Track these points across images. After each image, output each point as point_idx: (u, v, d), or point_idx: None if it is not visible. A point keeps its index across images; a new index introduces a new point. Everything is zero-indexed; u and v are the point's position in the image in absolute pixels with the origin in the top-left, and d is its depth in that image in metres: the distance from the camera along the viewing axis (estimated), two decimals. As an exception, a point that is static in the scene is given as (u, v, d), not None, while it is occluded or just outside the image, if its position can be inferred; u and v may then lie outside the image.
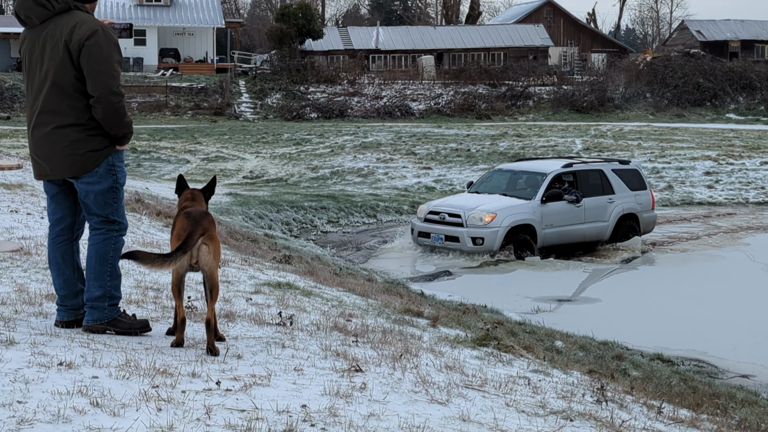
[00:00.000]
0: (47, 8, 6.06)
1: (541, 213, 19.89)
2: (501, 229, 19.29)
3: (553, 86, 61.16)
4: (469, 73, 63.47)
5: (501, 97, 58.79)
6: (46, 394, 4.60)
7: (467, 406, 5.24)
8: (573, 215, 20.41)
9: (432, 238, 19.96)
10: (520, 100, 58.84)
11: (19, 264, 8.74)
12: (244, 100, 58.40)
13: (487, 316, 11.59)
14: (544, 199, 20.03)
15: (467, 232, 19.41)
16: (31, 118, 6.19)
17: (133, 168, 33.31)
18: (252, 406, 4.75)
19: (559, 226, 20.11)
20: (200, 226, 5.89)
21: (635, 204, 21.42)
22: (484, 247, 19.23)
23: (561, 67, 71.52)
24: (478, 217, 19.40)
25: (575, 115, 55.38)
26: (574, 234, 20.44)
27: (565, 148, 38.61)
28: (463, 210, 19.76)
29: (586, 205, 20.59)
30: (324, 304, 8.86)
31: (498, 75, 62.87)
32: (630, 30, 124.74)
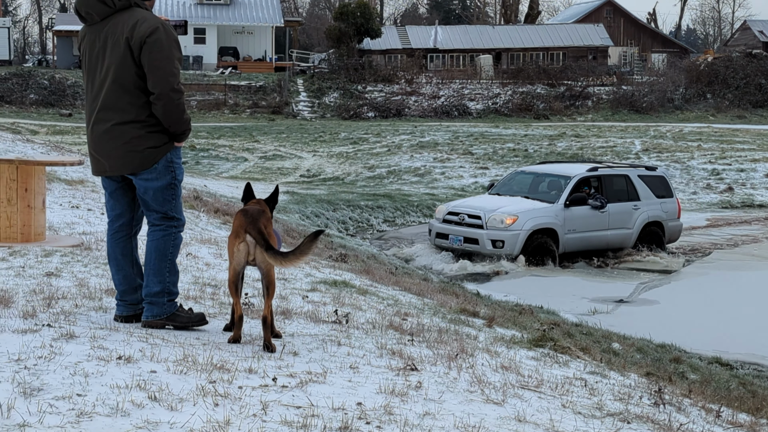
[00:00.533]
0: (108, 5, 6.11)
1: (564, 217, 19.30)
2: (522, 232, 18.72)
3: (613, 86, 60.67)
4: (527, 72, 63.17)
5: (559, 97, 58.44)
6: (105, 388, 4.65)
7: (523, 406, 5.21)
8: (597, 221, 19.78)
9: (450, 240, 19.43)
10: (578, 100, 58.44)
11: (80, 259, 8.86)
12: (302, 99, 58.65)
13: (543, 317, 11.52)
14: (567, 203, 19.43)
15: (487, 234, 18.88)
16: (91, 115, 6.24)
17: (192, 165, 33.60)
18: (308, 403, 4.76)
19: (582, 231, 19.51)
20: (260, 223, 5.93)
21: (661, 212, 20.79)
22: (504, 251, 18.68)
23: (621, 67, 70.96)
24: (499, 219, 18.87)
25: (634, 115, 54.89)
26: (597, 240, 19.86)
27: (624, 149, 38.27)
28: (483, 211, 19.23)
29: (611, 210, 19.97)
30: (380, 302, 8.86)
31: (557, 75, 62.51)
32: (691, 30, 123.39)
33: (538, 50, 71.30)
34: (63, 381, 4.69)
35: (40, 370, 4.84)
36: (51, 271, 8.08)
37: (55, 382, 4.66)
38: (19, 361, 4.98)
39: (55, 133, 39.22)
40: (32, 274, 7.94)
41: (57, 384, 4.63)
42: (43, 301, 6.68)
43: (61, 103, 53.42)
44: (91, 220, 11.61)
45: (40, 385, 4.57)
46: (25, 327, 5.77)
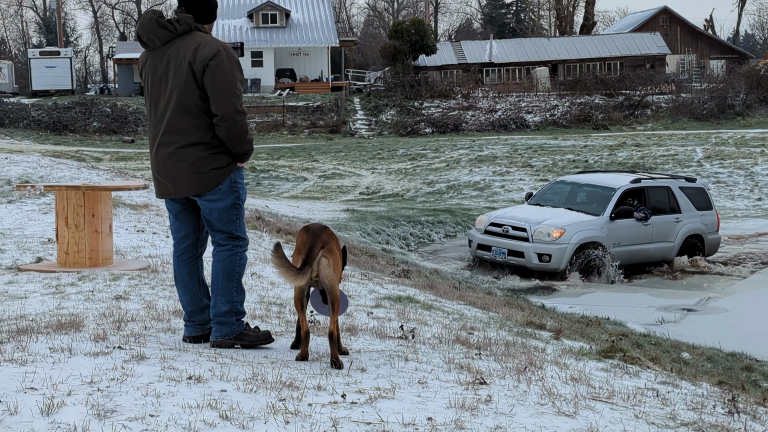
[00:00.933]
0: (170, 30, 6.19)
1: (609, 230, 18.75)
2: (569, 246, 18.15)
3: (672, 94, 60.06)
4: (584, 83, 62.80)
5: (618, 107, 57.99)
6: (177, 408, 4.68)
7: (595, 418, 5.15)
8: (640, 234, 19.20)
9: (493, 252, 18.87)
10: (637, 110, 57.94)
11: (147, 281, 8.95)
12: (359, 117, 58.84)
13: (610, 328, 11.41)
14: (613, 216, 18.90)
15: (533, 247, 18.29)
16: (154, 138, 6.31)
17: (253, 187, 33.84)
18: (378, 419, 4.75)
19: (626, 245, 18.92)
20: (320, 240, 5.94)
21: (701, 224, 20.22)
22: (551, 265, 18.14)
23: (679, 74, 70.27)
24: (545, 232, 18.29)
25: (695, 123, 54.28)
26: (640, 254, 19.23)
27: (686, 157, 37.85)
28: (528, 224, 18.64)
29: (654, 223, 19.42)
30: (445, 317, 8.84)
31: (614, 85, 62.04)
32: (749, 35, 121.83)
33: (595, 61, 70.84)
34: (135, 402, 4.73)
35: (112, 391, 4.89)
36: (119, 294, 8.18)
37: (128, 403, 4.71)
38: (92, 383, 5.03)
39: (119, 160, 39.75)
40: (101, 297, 8.04)
41: (130, 405, 4.67)
42: (113, 324, 6.75)
43: (123, 129, 54.14)
44: (156, 243, 11.74)
45: (114, 407, 4.62)
46: (97, 350, 5.84)
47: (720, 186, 33.38)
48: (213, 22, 6.43)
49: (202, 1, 6.30)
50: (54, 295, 8.21)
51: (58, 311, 7.32)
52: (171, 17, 6.26)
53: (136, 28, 6.37)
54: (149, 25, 6.21)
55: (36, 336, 6.19)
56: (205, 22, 6.32)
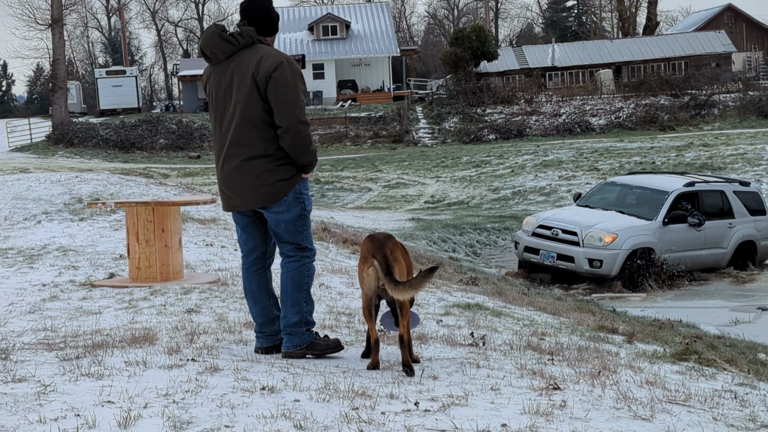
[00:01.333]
0: (233, 44, 6.24)
1: (662, 235, 18.02)
2: (621, 252, 17.46)
3: (739, 93, 59.22)
4: (649, 84, 62.19)
5: (684, 107, 57.31)
6: (252, 418, 4.70)
7: (673, 421, 5.08)
8: (693, 240, 18.47)
9: (541, 256, 18.18)
10: (704, 109, 57.20)
11: (218, 294, 9.03)
12: (422, 126, 58.85)
13: (684, 331, 11.26)
14: (666, 221, 18.18)
15: (584, 252, 17.61)
16: (220, 152, 6.35)
17: (318, 198, 34.00)
18: (452, 426, 4.73)
19: (679, 251, 18.12)
20: (386, 248, 5.95)
21: (754, 230, 19.47)
22: (602, 271, 17.44)
23: (746, 72, 69.28)
24: (597, 236, 17.58)
25: (764, 121, 53.44)
26: (692, 261, 18.37)
27: (755, 155, 37.26)
28: (579, 227, 17.93)
29: (707, 228, 18.67)
30: (515, 323, 8.79)
31: (680, 85, 61.36)
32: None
33: (659, 61, 70.11)
34: (210, 413, 4.77)
35: (187, 403, 4.93)
36: (191, 307, 8.26)
37: (203, 414, 4.74)
38: (167, 395, 5.08)
39: (186, 175, 40.19)
40: (173, 311, 8.12)
41: (205, 417, 4.70)
42: (185, 337, 6.82)
43: (189, 146, 54.75)
44: (225, 257, 11.84)
45: (189, 419, 4.65)
46: (171, 362, 5.89)
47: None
48: (275, 35, 6.47)
49: (264, 14, 6.34)
50: (127, 309, 8.31)
51: (131, 325, 7.40)
52: (234, 31, 6.31)
53: (200, 43, 6.43)
54: (213, 40, 6.26)
55: (111, 350, 6.27)
56: (267, 35, 6.36)
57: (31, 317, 7.98)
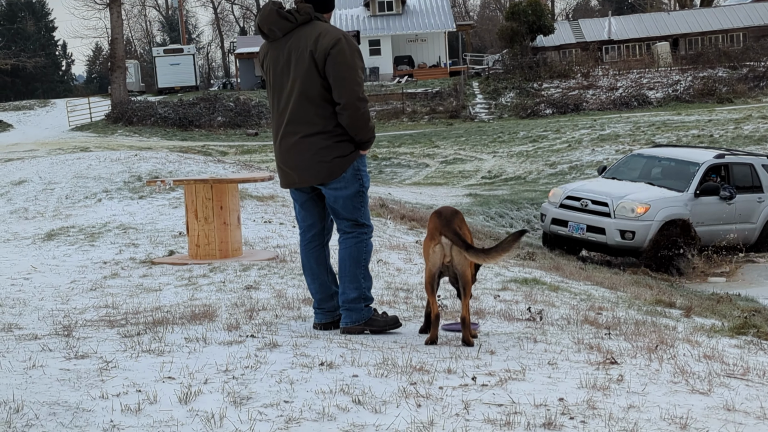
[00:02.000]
0: (290, 21, 6.27)
1: (693, 207, 17.32)
2: (654, 223, 16.71)
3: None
4: (707, 56, 61.33)
5: (742, 79, 56.43)
6: (310, 393, 4.77)
7: (731, 395, 5.06)
8: (724, 213, 17.79)
9: (570, 228, 17.39)
10: (763, 81, 56.27)
11: (276, 271, 9.12)
12: (479, 101, 58.62)
13: (742, 305, 11.16)
14: (698, 192, 17.49)
15: (615, 223, 16.84)
16: (278, 129, 6.40)
17: (375, 175, 34.05)
18: (509, 401, 4.76)
19: (709, 224, 17.51)
20: (453, 225, 5.99)
21: None
22: (634, 243, 16.73)
23: (807, 42, 67.95)
24: (629, 207, 16.82)
25: (826, 91, 52.53)
26: (722, 235, 17.58)
27: (817, 127, 36.68)
28: (610, 198, 17.14)
29: (737, 202, 17.98)
30: (572, 298, 8.78)
31: (738, 56, 60.41)
32: None
33: (717, 33, 69.07)
34: (270, 389, 4.83)
35: (247, 379, 5.01)
36: (250, 284, 8.36)
37: (263, 390, 4.81)
38: (227, 371, 5.16)
39: (243, 153, 40.44)
40: (233, 288, 8.23)
41: (264, 392, 4.77)
42: (245, 314, 6.91)
43: (246, 123, 55.06)
44: (283, 234, 11.93)
45: (249, 394, 4.72)
46: (230, 339, 5.98)
47: None
48: (331, 12, 6.49)
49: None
50: (187, 286, 8.42)
51: (191, 302, 7.51)
52: (290, 8, 6.34)
53: (257, 20, 6.47)
54: (270, 17, 6.30)
55: (171, 327, 6.37)
56: (324, 12, 6.38)
57: (93, 294, 8.12)
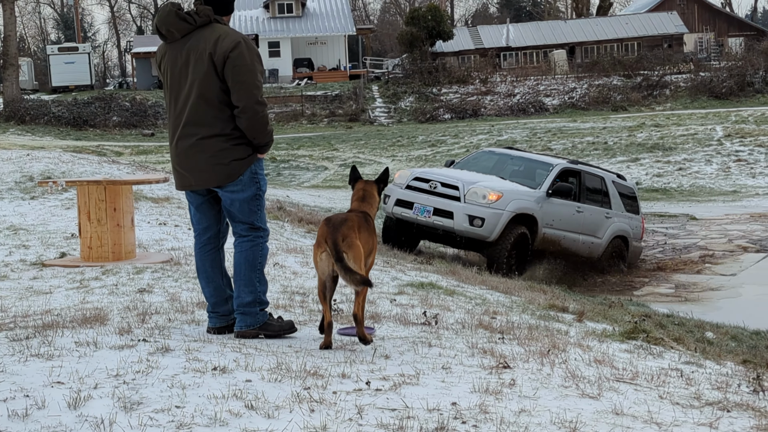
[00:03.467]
0: (189, 22, 6.21)
1: (544, 206, 15.94)
2: (505, 213, 15.17)
3: (690, 74, 59.74)
4: (602, 65, 62.60)
5: (636, 88, 57.74)
6: (203, 399, 4.72)
7: (619, 399, 5.16)
8: (573, 221, 16.57)
9: (415, 210, 15.63)
10: (656, 90, 57.68)
11: (170, 274, 9.00)
12: (378, 105, 58.83)
13: (633, 310, 11.40)
14: (550, 192, 16.09)
15: (465, 208, 15.23)
16: (175, 130, 6.33)
17: (273, 177, 33.91)
18: (402, 405, 4.77)
19: (558, 228, 16.26)
20: (339, 233, 5.97)
21: (629, 227, 17.85)
22: (482, 231, 15.12)
23: (697, 53, 69.84)
24: (481, 193, 15.28)
25: (714, 101, 53.99)
26: (568, 243, 16.49)
27: (705, 136, 37.68)
28: (462, 182, 15.60)
29: (586, 213, 16.87)
30: (467, 302, 8.86)
31: (632, 65, 61.81)
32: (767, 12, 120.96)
33: (612, 42, 70.53)
34: (161, 394, 4.77)
35: (138, 384, 4.93)
36: (143, 287, 8.24)
37: (154, 395, 4.74)
38: (118, 376, 5.07)
39: (139, 153, 39.91)
40: (125, 291, 8.10)
41: (156, 397, 4.71)
42: (137, 317, 6.80)
43: (142, 123, 54.32)
44: (178, 236, 11.80)
45: (140, 399, 4.65)
46: (122, 343, 5.88)
47: (741, 164, 33.21)
48: (231, 14, 6.45)
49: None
50: (78, 289, 8.27)
51: (82, 305, 7.37)
52: (190, 9, 6.28)
53: (155, 21, 6.39)
54: (169, 18, 6.23)
55: (62, 330, 6.24)
56: (223, 14, 6.34)
57: (-19, 297, 7.91)
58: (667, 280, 16.53)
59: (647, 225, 20.99)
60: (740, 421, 4.98)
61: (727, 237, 19.99)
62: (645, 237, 19.17)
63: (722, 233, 20.41)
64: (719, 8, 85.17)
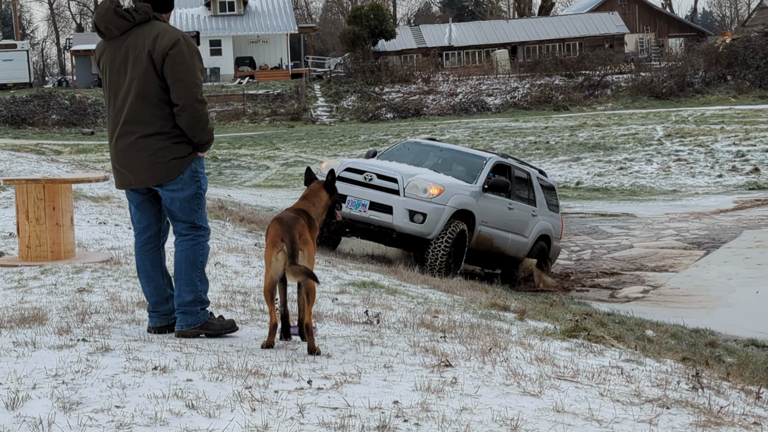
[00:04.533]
0: (128, 19, 6.15)
1: (480, 203, 14.71)
2: (447, 209, 13.95)
3: (631, 74, 60.44)
4: (544, 65, 63.09)
5: (578, 88, 58.30)
6: (143, 398, 4.67)
7: (560, 397, 5.20)
8: (505, 219, 15.41)
9: (348, 204, 13.94)
10: (597, 90, 58.28)
11: (110, 273, 8.91)
12: (320, 104, 58.77)
13: (574, 308, 11.48)
14: (485, 187, 14.86)
15: (405, 202, 13.88)
16: (114, 129, 6.27)
17: (215, 176, 33.72)
18: (344, 404, 4.77)
19: (492, 227, 15.08)
20: (294, 231, 5.94)
21: (551, 226, 16.90)
22: (422, 228, 13.84)
23: (638, 54, 70.69)
24: (421, 186, 13.97)
25: (655, 101, 54.67)
26: (499, 242, 15.41)
27: (646, 135, 38.13)
28: (400, 174, 14.20)
29: (516, 210, 15.73)
30: (409, 301, 8.87)
31: (574, 65, 62.39)
32: (707, 13, 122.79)
33: (554, 42, 71.11)
34: (101, 394, 4.72)
35: (77, 384, 4.87)
36: (82, 287, 8.14)
37: (93, 395, 4.69)
38: (57, 376, 5.01)
39: (79, 152, 39.46)
40: (64, 291, 8.00)
41: (95, 397, 4.65)
42: (76, 317, 6.72)
43: (82, 122, 53.77)
44: (118, 235, 11.68)
45: (79, 399, 4.60)
46: (61, 343, 5.81)
47: (681, 164, 33.65)
48: (171, 12, 6.40)
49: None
50: (17, 289, 8.15)
51: (21, 305, 7.27)
52: (128, 6, 6.22)
53: (93, 18, 6.33)
54: (107, 15, 6.17)
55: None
56: (162, 11, 6.29)
57: None
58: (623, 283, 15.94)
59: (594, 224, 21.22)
60: (679, 418, 5.03)
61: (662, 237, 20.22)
62: (564, 238, 18.63)
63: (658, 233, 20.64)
64: (660, 9, 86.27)
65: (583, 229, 21.43)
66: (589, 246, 19.63)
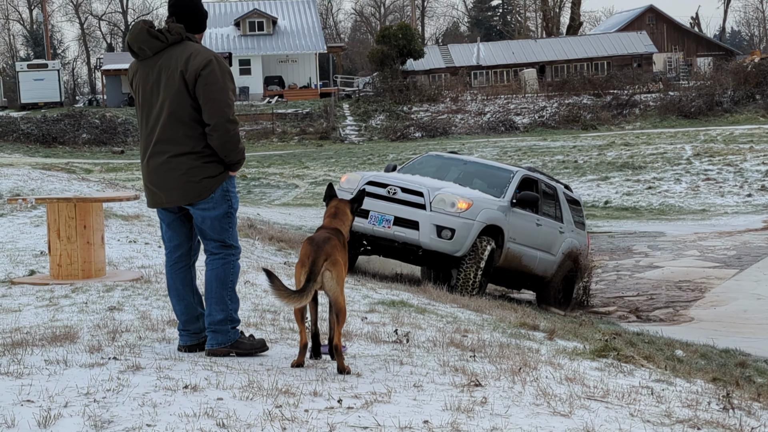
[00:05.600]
0: (161, 40, 6.21)
1: (509, 218, 13.92)
2: (476, 224, 13.15)
3: (659, 93, 60.27)
4: (572, 84, 63.01)
5: (606, 107, 58.18)
6: (174, 417, 4.69)
7: (590, 417, 5.18)
8: (533, 235, 14.60)
9: (371, 219, 13.21)
10: (625, 109, 58.13)
11: (141, 292, 8.96)
12: (349, 123, 58.93)
13: (604, 328, 11.44)
14: (514, 202, 14.12)
15: (432, 217, 13.06)
16: (146, 148, 6.32)
17: (244, 195, 33.86)
18: (374, 423, 4.77)
19: (521, 243, 14.27)
20: (323, 252, 5.95)
21: (578, 243, 15.98)
22: (451, 246, 13.07)
23: (666, 73, 70.51)
24: (449, 200, 13.16)
25: (683, 121, 54.46)
26: (528, 260, 14.60)
27: (675, 155, 37.99)
28: (426, 188, 13.37)
29: (544, 227, 14.92)
30: (439, 320, 8.86)
31: (602, 84, 62.26)
32: (735, 32, 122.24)
33: (582, 61, 71.04)
34: (132, 412, 4.74)
35: (109, 402, 4.90)
36: (113, 305, 8.19)
37: (125, 413, 4.71)
38: (88, 394, 5.04)
39: (109, 171, 39.73)
40: (95, 309, 8.05)
41: (126, 416, 4.68)
42: (107, 335, 6.76)
43: (112, 141, 54.16)
44: (148, 254, 11.75)
45: (110, 418, 4.62)
46: (92, 361, 5.84)
47: (710, 183, 33.49)
48: (203, 32, 6.46)
49: (193, 11, 6.32)
50: (48, 307, 8.21)
51: (52, 323, 7.32)
52: (162, 27, 6.28)
53: (127, 38, 6.39)
54: (140, 35, 6.23)
55: (31, 348, 6.19)
56: (195, 32, 6.35)
57: (-51, 315, 7.84)
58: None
59: (622, 243, 21.12)
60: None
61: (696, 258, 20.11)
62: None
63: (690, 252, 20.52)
64: (688, 28, 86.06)
65: (611, 248, 21.34)
66: (618, 266, 19.54)
